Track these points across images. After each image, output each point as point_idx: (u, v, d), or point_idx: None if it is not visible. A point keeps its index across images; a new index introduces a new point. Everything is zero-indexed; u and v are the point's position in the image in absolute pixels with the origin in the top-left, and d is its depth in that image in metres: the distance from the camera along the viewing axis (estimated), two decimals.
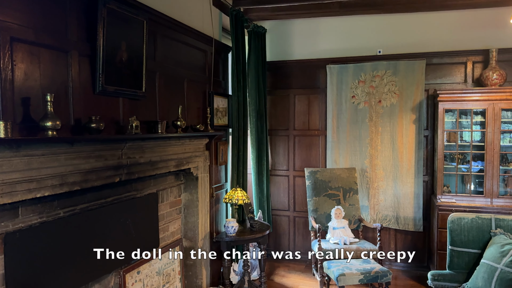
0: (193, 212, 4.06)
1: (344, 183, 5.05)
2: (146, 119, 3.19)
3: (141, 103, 3.13)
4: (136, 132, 2.82)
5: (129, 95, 2.92)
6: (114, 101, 2.87)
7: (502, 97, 4.36)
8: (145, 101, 3.17)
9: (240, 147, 4.64)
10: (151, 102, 3.29)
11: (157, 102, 3.36)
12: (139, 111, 3.10)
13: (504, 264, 2.68)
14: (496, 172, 4.44)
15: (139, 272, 2.62)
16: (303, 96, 5.53)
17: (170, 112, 3.53)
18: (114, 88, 2.76)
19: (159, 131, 3.16)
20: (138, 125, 2.84)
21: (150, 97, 3.24)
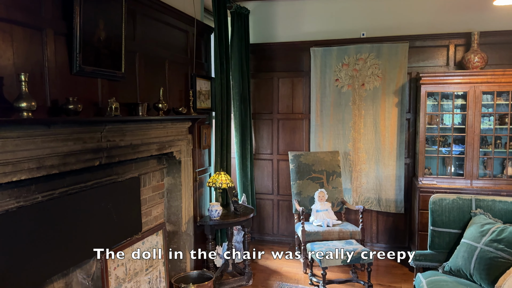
0: (176, 196, 4.01)
1: (328, 166, 5.06)
2: (126, 101, 3.12)
3: (120, 84, 3.05)
4: (115, 115, 2.74)
5: (108, 76, 2.84)
6: (92, 82, 2.79)
7: (483, 80, 4.41)
8: (124, 82, 3.08)
9: (223, 131, 4.60)
10: (131, 84, 3.21)
11: (137, 83, 3.28)
12: (119, 93, 3.02)
13: (483, 243, 2.73)
14: (476, 154, 4.51)
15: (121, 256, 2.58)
16: (287, 79, 5.49)
17: (151, 95, 3.45)
18: (92, 69, 2.67)
19: (140, 114, 3.08)
20: (117, 107, 2.77)
21: (130, 79, 3.16)
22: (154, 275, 2.94)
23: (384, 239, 5.31)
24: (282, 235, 5.65)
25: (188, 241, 4.10)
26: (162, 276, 3.02)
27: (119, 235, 2.98)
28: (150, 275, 2.88)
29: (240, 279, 4.28)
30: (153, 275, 2.93)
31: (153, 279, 2.92)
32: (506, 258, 2.59)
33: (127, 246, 2.66)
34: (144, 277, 2.79)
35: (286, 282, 4.32)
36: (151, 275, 2.90)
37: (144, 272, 2.82)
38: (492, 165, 4.60)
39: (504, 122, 4.53)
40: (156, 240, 2.99)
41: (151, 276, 2.90)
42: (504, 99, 4.51)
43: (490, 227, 2.79)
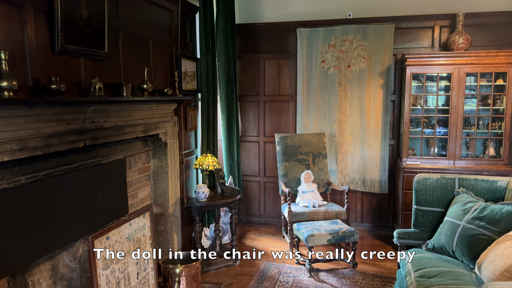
0: (162, 179, 4.00)
1: (314, 148, 5.09)
2: (110, 81, 3.05)
3: (104, 64, 2.98)
4: (99, 95, 2.69)
5: (91, 55, 2.77)
6: (75, 62, 2.72)
7: (467, 61, 4.45)
8: (108, 62, 3.02)
9: (210, 113, 4.56)
10: (115, 64, 3.14)
11: (121, 63, 3.21)
12: (102, 73, 2.95)
13: (466, 221, 2.80)
14: (459, 135, 4.58)
15: (108, 238, 2.57)
16: (273, 60, 5.45)
17: (136, 75, 3.39)
18: (75, 48, 2.60)
19: (124, 94, 3.03)
20: (101, 87, 2.71)
21: (113, 58, 3.09)
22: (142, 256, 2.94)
23: (368, 219, 5.40)
24: (268, 216, 5.69)
25: (175, 223, 4.10)
26: (149, 257, 3.02)
27: (105, 217, 2.96)
28: (137, 256, 2.88)
29: (227, 259, 4.32)
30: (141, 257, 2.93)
31: (140, 260, 2.92)
32: (487, 235, 2.66)
33: (114, 228, 2.65)
34: (132, 259, 2.79)
35: (273, 262, 4.37)
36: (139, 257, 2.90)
37: (132, 254, 2.81)
38: (474, 145, 4.68)
39: (486, 104, 4.60)
40: (143, 222, 2.99)
41: (139, 257, 2.90)
42: (487, 80, 4.57)
43: (472, 205, 2.85)
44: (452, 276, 2.51)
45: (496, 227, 2.66)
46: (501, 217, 2.67)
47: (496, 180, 3.04)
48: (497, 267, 2.19)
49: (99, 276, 2.43)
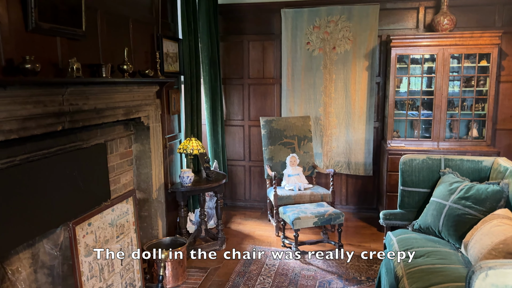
0: (145, 163, 3.90)
1: (299, 131, 5.05)
2: (88, 62, 2.92)
3: (81, 44, 2.85)
4: (77, 76, 2.57)
5: (67, 34, 2.64)
6: (51, 41, 2.58)
7: (451, 42, 4.44)
8: (86, 42, 2.88)
9: (193, 96, 4.46)
10: (93, 43, 3.01)
11: (100, 43, 3.08)
12: (80, 53, 2.82)
13: (452, 201, 2.80)
14: (443, 117, 4.60)
15: (90, 224, 2.49)
16: (257, 42, 5.35)
17: (115, 56, 3.26)
18: (50, 26, 2.47)
19: (104, 75, 2.91)
20: (79, 67, 2.59)
21: (91, 38, 2.96)
22: (126, 242, 2.87)
23: (353, 201, 5.42)
24: (254, 201, 5.66)
25: (160, 208, 4.03)
26: (133, 243, 2.96)
27: (87, 203, 2.87)
28: (121, 242, 2.81)
29: (213, 244, 4.28)
30: (125, 242, 2.86)
31: (124, 246, 2.85)
32: (473, 215, 2.68)
33: (96, 213, 2.57)
34: (115, 245, 2.71)
35: (259, 245, 4.35)
36: (122, 243, 2.83)
37: (115, 240, 2.74)
38: (458, 127, 4.71)
39: (470, 85, 4.62)
40: (126, 207, 2.91)
41: (122, 243, 2.83)
42: (471, 61, 4.57)
43: (458, 185, 2.86)
44: (439, 256, 2.52)
45: (481, 206, 2.67)
46: (486, 197, 2.68)
47: (481, 160, 3.06)
48: (483, 246, 2.20)
49: (82, 263, 2.36)
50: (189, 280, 3.66)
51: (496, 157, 3.04)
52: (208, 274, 3.77)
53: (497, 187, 2.70)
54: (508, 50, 4.71)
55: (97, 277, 2.53)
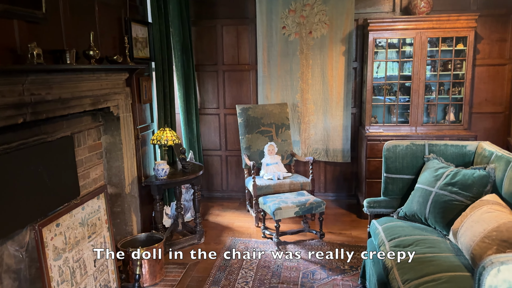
0: (117, 156, 3.67)
1: (276, 119, 4.92)
2: (50, 48, 2.67)
3: (42, 28, 2.59)
4: (39, 63, 2.33)
5: (25, 16, 2.38)
6: (7, 24, 2.32)
7: (429, 25, 4.38)
8: (47, 25, 2.63)
9: (166, 83, 4.23)
10: (55, 27, 2.75)
11: (63, 27, 2.81)
12: (41, 37, 2.56)
13: (438, 187, 2.74)
14: (421, 102, 4.57)
15: (58, 225, 2.28)
16: (231, 27, 5.15)
17: (80, 41, 3.00)
18: (5, 7, 2.21)
19: (68, 62, 2.66)
20: (40, 54, 2.35)
21: (53, 21, 2.70)
22: (98, 242, 2.66)
23: (331, 188, 5.37)
24: (231, 191, 5.52)
25: (133, 203, 3.82)
26: (107, 241, 2.76)
27: (54, 201, 2.64)
28: (93, 242, 2.61)
29: (192, 237, 4.12)
30: (97, 242, 2.65)
31: (97, 246, 2.64)
32: (460, 201, 2.63)
33: (65, 213, 2.35)
34: (87, 245, 2.51)
35: (239, 237, 4.23)
36: (95, 242, 2.63)
37: (87, 240, 2.53)
38: (435, 111, 4.70)
39: (447, 69, 4.60)
40: (97, 204, 2.70)
41: (95, 243, 2.62)
42: (447, 45, 4.54)
43: (444, 171, 2.80)
44: (428, 244, 2.46)
45: (468, 192, 2.62)
46: (473, 182, 2.63)
47: (465, 144, 3.01)
48: (475, 233, 2.14)
49: (50, 268, 2.15)
50: (168, 277, 3.49)
51: (480, 142, 3.00)
52: (187, 270, 3.61)
53: (483, 172, 2.65)
54: (483, 34, 4.70)
55: (68, 281, 2.33)
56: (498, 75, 4.79)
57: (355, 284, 3.28)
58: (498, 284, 1.21)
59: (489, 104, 4.87)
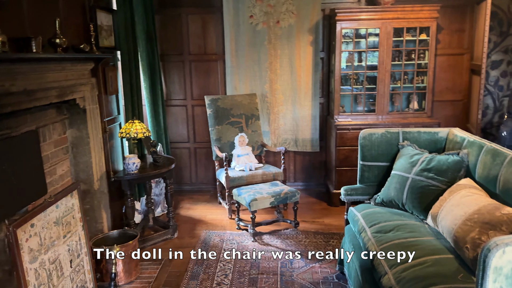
0: (84, 151, 3.49)
1: (246, 109, 4.87)
2: (12, 35, 2.46)
3: (3, 14, 2.38)
4: (4, 51, 2.14)
5: None
6: None
7: (394, 15, 4.48)
8: (7, 11, 2.42)
9: (132, 73, 4.06)
10: (17, 13, 2.54)
11: (25, 13, 2.61)
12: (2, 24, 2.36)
13: (414, 173, 2.82)
14: (387, 91, 4.68)
15: (33, 225, 2.12)
16: (196, 16, 5.01)
17: (44, 28, 2.79)
18: None
19: (34, 51, 2.48)
20: (5, 41, 2.16)
21: (13, 6, 2.49)
22: (74, 241, 2.52)
23: (301, 178, 5.41)
24: (201, 183, 5.43)
25: (103, 199, 3.66)
26: (82, 241, 2.62)
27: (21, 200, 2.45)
28: (69, 241, 2.46)
29: (165, 232, 4.01)
30: (73, 241, 2.51)
31: (72, 246, 2.50)
32: (436, 186, 2.72)
33: (39, 212, 2.20)
34: (63, 245, 2.37)
35: (213, 230, 4.17)
36: (70, 242, 2.48)
37: (62, 240, 2.39)
38: (400, 100, 4.84)
39: (411, 58, 4.74)
40: (71, 202, 2.54)
41: (70, 242, 2.48)
42: (411, 35, 4.67)
43: (419, 157, 2.89)
44: (408, 229, 2.53)
45: (443, 177, 2.72)
46: (448, 167, 2.73)
47: (437, 131, 3.12)
48: (457, 217, 2.22)
49: (27, 272, 2.00)
50: (143, 275, 3.38)
51: (450, 128, 3.12)
52: (163, 266, 3.52)
53: (456, 157, 2.75)
54: (443, 24, 4.88)
55: (45, 284, 2.18)
56: (457, 64, 5.00)
57: (333, 270, 3.33)
58: (503, 265, 1.26)
59: (449, 92, 5.08)
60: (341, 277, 3.22)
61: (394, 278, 2.11)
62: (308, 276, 3.26)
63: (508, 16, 4.63)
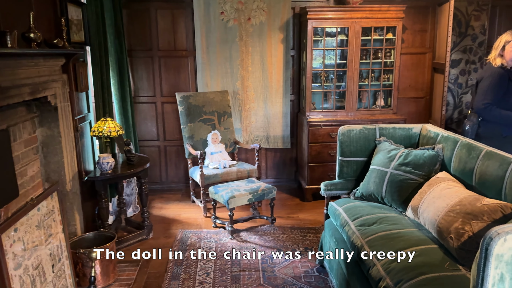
0: (55, 150, 3.33)
1: (218, 107, 4.84)
2: None
3: None
4: None
5: None
6: None
7: (362, 15, 4.62)
8: None
9: (103, 70, 3.92)
10: None
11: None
12: None
13: (392, 167, 2.94)
14: (355, 88, 4.82)
15: (16, 230, 2.00)
16: (166, 11, 4.91)
17: (16, 22, 2.64)
18: None
19: (9, 45, 2.33)
20: None
21: None
22: (55, 245, 2.41)
23: (272, 174, 5.47)
24: (172, 182, 5.34)
25: (76, 200, 3.51)
26: (62, 244, 2.51)
27: None
28: (50, 245, 2.35)
29: (140, 233, 3.92)
30: (54, 245, 2.40)
31: (54, 250, 2.39)
32: (414, 179, 2.85)
33: (22, 216, 2.08)
34: (45, 249, 2.26)
35: (189, 229, 4.12)
36: (52, 246, 2.37)
37: (44, 244, 2.28)
38: (368, 97, 5.00)
39: (378, 57, 4.90)
40: (52, 205, 2.43)
41: (52, 246, 2.37)
42: (379, 34, 4.83)
43: (396, 152, 3.01)
44: (390, 221, 2.63)
45: (421, 171, 2.85)
46: (424, 162, 2.86)
47: (411, 127, 3.26)
48: (439, 208, 2.34)
49: (12, 279, 1.89)
50: (121, 277, 3.29)
51: (423, 124, 3.27)
52: (141, 267, 3.44)
53: (432, 151, 2.89)
54: (407, 24, 5.09)
55: None
56: (420, 62, 5.23)
57: (313, 264, 3.40)
58: (504, 252, 1.35)
59: (412, 90, 5.31)
60: (322, 270, 3.30)
61: (384, 269, 2.19)
62: (290, 271, 3.31)
63: (466, 17, 4.90)
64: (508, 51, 3.43)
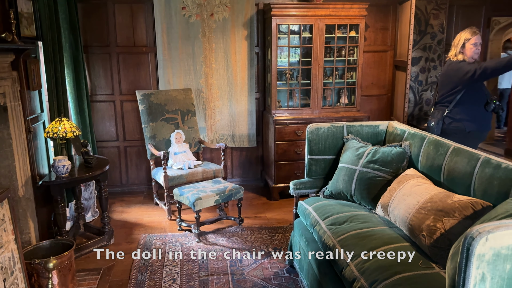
0: (5, 153, 3.08)
1: (181, 105, 4.69)
2: None
3: None
4: None
5: None
6: None
7: (326, 12, 4.61)
8: None
9: (57, 67, 3.67)
10: None
11: None
12: None
13: (361, 165, 2.93)
14: (320, 86, 4.82)
15: None
16: (124, 5, 4.70)
17: None
18: None
19: None
20: None
21: None
22: (6, 257, 2.20)
23: (238, 173, 5.37)
24: (132, 184, 5.13)
25: (29, 207, 3.27)
26: (15, 256, 2.30)
27: None
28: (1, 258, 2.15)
29: (100, 239, 3.71)
30: (5, 257, 2.19)
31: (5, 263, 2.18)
32: (382, 177, 2.85)
33: None
34: None
35: (153, 233, 3.95)
36: (3, 259, 2.17)
37: None
38: (332, 95, 5.01)
39: (341, 55, 4.92)
40: (2, 213, 2.22)
41: (3, 259, 2.16)
42: (342, 32, 4.85)
43: (364, 150, 3.00)
44: (361, 220, 2.61)
45: (389, 168, 2.85)
46: (392, 159, 2.87)
47: (378, 124, 3.27)
48: (410, 206, 2.34)
49: None
50: (82, 287, 3.10)
51: (389, 121, 3.29)
52: (103, 275, 3.25)
53: (399, 149, 2.91)
54: (369, 22, 5.14)
55: None
56: (382, 60, 5.31)
57: (283, 265, 3.35)
58: (485, 252, 1.32)
59: (374, 87, 5.38)
60: (292, 271, 3.25)
61: (357, 269, 2.16)
62: (259, 273, 3.24)
63: (426, 16, 5.01)
64: (468, 49, 3.51)
